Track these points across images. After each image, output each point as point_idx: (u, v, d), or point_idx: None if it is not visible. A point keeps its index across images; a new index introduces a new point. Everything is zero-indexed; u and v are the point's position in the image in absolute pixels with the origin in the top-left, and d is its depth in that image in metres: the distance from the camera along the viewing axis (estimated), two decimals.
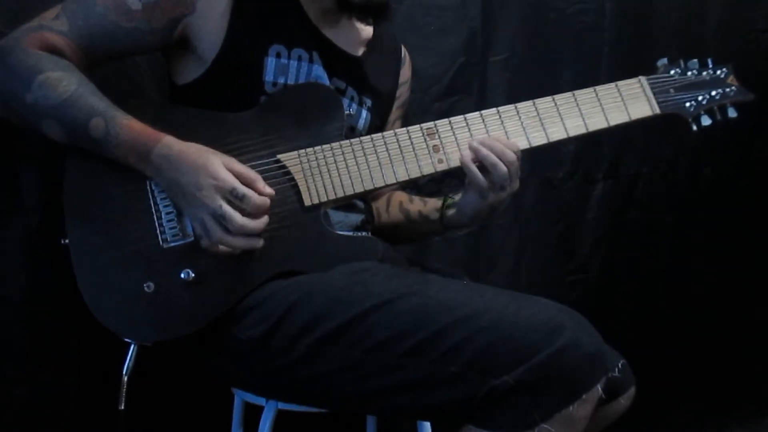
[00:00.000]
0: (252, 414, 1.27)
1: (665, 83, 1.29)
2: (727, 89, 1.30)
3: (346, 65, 1.30)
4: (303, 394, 1.10)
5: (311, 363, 1.02)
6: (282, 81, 1.20)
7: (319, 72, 1.24)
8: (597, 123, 1.23)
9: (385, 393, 0.99)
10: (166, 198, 1.10)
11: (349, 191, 1.16)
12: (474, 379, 0.93)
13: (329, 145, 1.16)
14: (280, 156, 1.14)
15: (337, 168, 1.16)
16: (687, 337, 2.26)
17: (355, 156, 1.17)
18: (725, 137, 2.20)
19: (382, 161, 1.18)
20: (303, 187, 1.14)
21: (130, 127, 1.07)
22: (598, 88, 1.25)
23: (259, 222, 1.05)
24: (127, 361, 1.10)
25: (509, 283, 1.92)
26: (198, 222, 1.06)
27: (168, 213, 1.10)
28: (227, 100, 1.18)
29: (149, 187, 1.11)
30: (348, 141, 1.17)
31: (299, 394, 1.11)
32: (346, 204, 1.24)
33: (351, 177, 1.16)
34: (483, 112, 1.21)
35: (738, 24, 2.24)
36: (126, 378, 1.10)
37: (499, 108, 1.21)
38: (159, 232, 1.09)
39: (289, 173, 1.14)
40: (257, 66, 1.18)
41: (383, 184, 1.17)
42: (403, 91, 1.47)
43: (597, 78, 1.95)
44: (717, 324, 2.31)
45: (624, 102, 1.25)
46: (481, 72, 1.86)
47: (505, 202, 1.23)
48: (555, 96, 1.23)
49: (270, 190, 1.07)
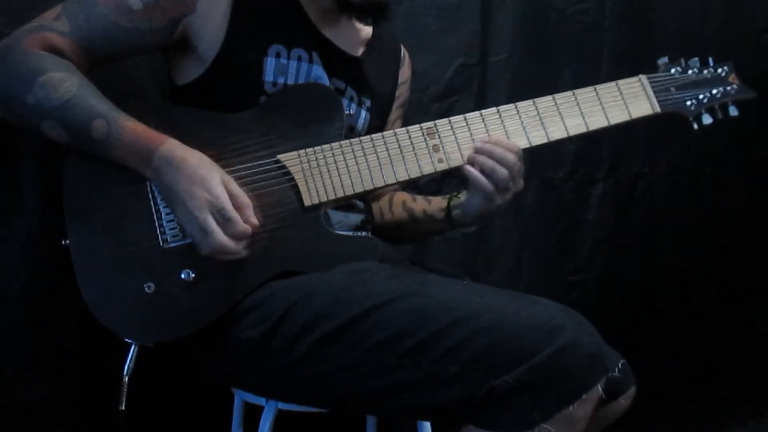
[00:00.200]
0: (252, 414, 1.27)
1: (666, 82, 1.28)
2: (729, 87, 1.30)
3: (345, 65, 1.30)
4: (303, 394, 1.10)
5: (311, 363, 1.02)
6: (282, 81, 1.20)
7: (319, 72, 1.24)
8: (597, 122, 1.23)
9: (385, 393, 1.00)
10: (163, 198, 1.10)
11: (349, 191, 1.16)
12: (474, 379, 0.93)
13: (329, 145, 1.16)
14: (280, 156, 1.14)
15: (337, 168, 1.16)
16: (687, 337, 2.25)
17: (355, 156, 1.17)
18: (726, 137, 2.20)
19: (382, 161, 1.18)
20: (303, 187, 1.14)
21: (132, 129, 1.07)
22: (598, 87, 1.24)
23: (239, 245, 1.04)
24: (128, 362, 1.10)
25: (509, 283, 1.92)
26: (187, 228, 1.06)
27: (168, 213, 1.09)
28: (227, 100, 1.17)
29: (149, 188, 1.10)
30: (348, 141, 1.17)
31: (299, 394, 1.11)
32: (346, 204, 1.24)
33: (351, 177, 1.16)
34: (483, 111, 1.20)
35: (739, 24, 2.24)
36: (126, 378, 1.09)
37: (500, 107, 1.21)
38: (159, 232, 1.09)
39: (289, 173, 1.14)
40: (257, 66, 1.18)
41: (383, 184, 1.17)
42: (403, 91, 1.47)
43: (597, 78, 1.94)
44: (717, 324, 2.30)
45: (624, 101, 1.24)
46: (481, 72, 1.86)
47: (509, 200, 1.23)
48: (555, 95, 1.23)
49: (255, 221, 1.05)
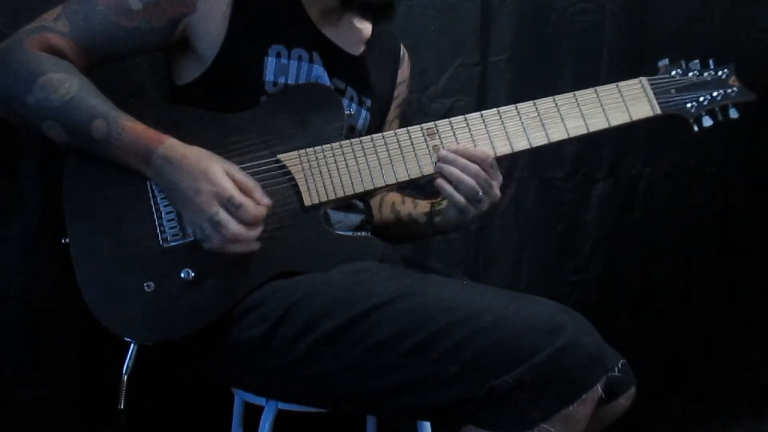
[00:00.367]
0: (252, 414, 1.27)
1: (666, 84, 1.28)
2: (729, 90, 1.30)
3: (346, 65, 1.30)
4: (303, 394, 1.10)
5: (311, 363, 1.02)
6: (282, 81, 1.20)
7: (319, 72, 1.24)
8: (598, 123, 1.23)
9: (385, 393, 1.00)
10: (165, 197, 1.10)
11: (349, 191, 1.16)
12: (474, 379, 0.93)
13: (329, 145, 1.16)
14: (280, 156, 1.14)
15: (338, 168, 1.16)
16: (687, 337, 2.26)
17: (355, 156, 1.17)
18: (728, 137, 2.20)
19: (382, 161, 1.18)
20: (303, 187, 1.14)
21: (132, 129, 1.06)
22: (599, 88, 1.25)
23: (254, 231, 1.05)
24: (127, 361, 1.09)
25: (509, 283, 1.92)
26: (196, 227, 1.06)
27: (168, 213, 1.09)
28: (227, 100, 1.17)
29: (149, 187, 1.10)
30: (348, 141, 1.17)
31: (299, 394, 1.11)
32: (345, 204, 1.24)
33: (351, 177, 1.16)
34: (483, 112, 1.20)
35: (739, 24, 2.24)
36: (126, 377, 1.09)
37: (500, 108, 1.21)
38: (159, 231, 1.09)
39: (289, 173, 1.14)
40: (257, 66, 1.18)
41: (383, 184, 1.17)
42: (402, 91, 1.47)
43: (597, 78, 1.96)
44: (717, 324, 2.30)
45: (625, 102, 1.24)
46: (481, 72, 1.86)
47: (504, 203, 1.22)
48: (556, 96, 1.23)
49: (267, 200, 1.06)
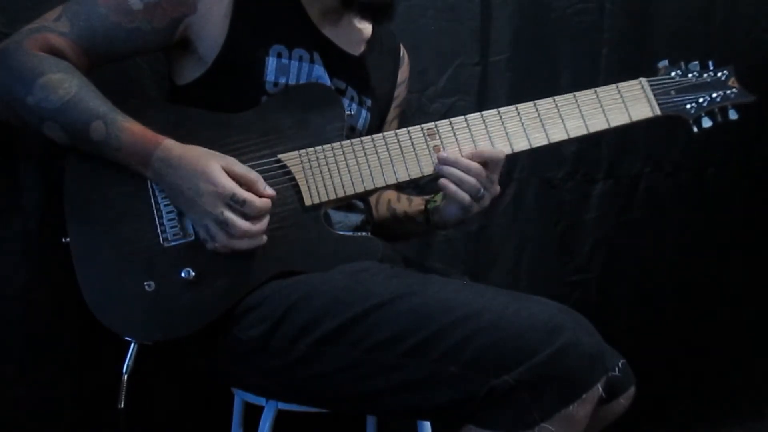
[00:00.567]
0: (252, 414, 1.27)
1: (666, 85, 1.28)
2: (728, 91, 1.30)
3: (346, 65, 1.30)
4: (303, 394, 1.10)
5: (311, 363, 1.02)
6: (283, 81, 1.20)
7: (320, 72, 1.24)
8: (597, 124, 1.23)
9: (385, 393, 0.99)
10: (166, 197, 1.10)
11: (350, 191, 1.16)
12: (474, 379, 0.93)
13: (330, 145, 1.16)
14: (280, 156, 1.14)
15: (338, 168, 1.16)
16: (687, 337, 2.26)
17: (356, 156, 1.17)
18: (729, 137, 2.19)
19: (382, 161, 1.18)
20: (303, 187, 1.14)
21: (130, 131, 1.06)
22: (598, 89, 1.25)
23: (262, 224, 1.06)
24: (127, 361, 1.09)
25: (509, 283, 1.92)
26: (201, 227, 1.06)
27: (169, 212, 1.09)
28: (228, 100, 1.18)
29: (150, 187, 1.10)
30: (348, 141, 1.17)
31: (299, 394, 1.11)
32: (346, 204, 1.24)
33: (351, 177, 1.16)
34: (484, 112, 1.21)
35: (740, 24, 2.24)
36: (126, 377, 1.09)
37: (500, 109, 1.21)
38: (160, 231, 1.09)
39: (290, 173, 1.14)
40: (258, 66, 1.18)
41: (384, 184, 1.17)
42: (401, 91, 1.47)
43: (596, 78, 1.96)
44: (718, 324, 2.30)
45: (625, 103, 1.25)
46: (481, 72, 1.86)
47: (504, 203, 1.22)
48: (556, 97, 1.23)
49: (271, 191, 1.07)
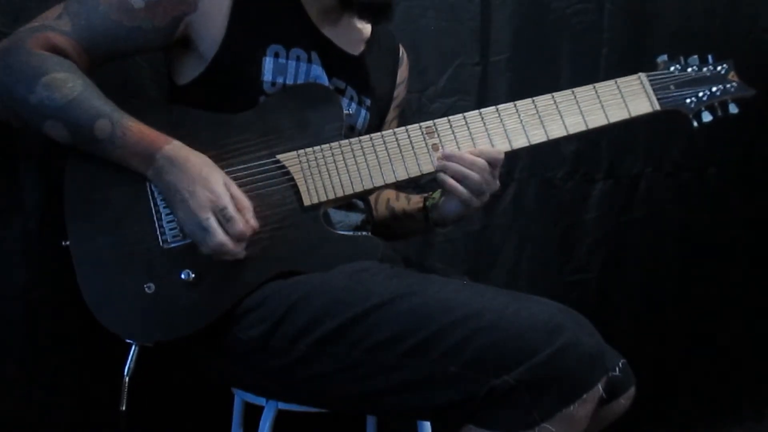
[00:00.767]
0: (252, 414, 1.27)
1: (665, 79, 1.28)
2: (728, 85, 1.30)
3: (345, 65, 1.30)
4: (303, 394, 1.10)
5: (311, 363, 1.02)
6: (280, 81, 1.20)
7: (318, 72, 1.24)
8: (597, 120, 1.23)
9: (385, 393, 0.99)
10: (164, 198, 1.10)
11: (349, 191, 1.16)
12: (474, 379, 0.93)
13: (328, 145, 1.16)
14: (279, 156, 1.14)
15: (337, 168, 1.16)
16: (687, 337, 2.25)
17: (355, 155, 1.17)
18: (730, 137, 2.19)
19: (381, 161, 1.18)
20: (302, 187, 1.14)
21: (136, 129, 1.07)
22: (597, 85, 1.24)
23: (238, 246, 1.05)
24: (128, 362, 1.09)
25: (509, 283, 1.92)
26: (186, 228, 1.06)
27: (168, 214, 1.09)
28: (226, 100, 1.18)
29: (149, 188, 1.10)
30: (347, 140, 1.17)
31: (299, 394, 1.11)
32: (346, 204, 1.24)
33: (350, 176, 1.16)
34: (482, 110, 1.20)
35: (740, 24, 2.24)
36: (127, 378, 1.09)
37: (498, 106, 1.21)
38: (159, 233, 1.09)
39: (289, 173, 1.14)
40: (255, 66, 1.18)
41: (383, 183, 1.17)
42: (401, 91, 1.47)
43: (596, 77, 1.91)
44: (718, 324, 2.30)
45: (624, 99, 1.24)
46: (481, 72, 1.86)
47: (504, 203, 1.22)
48: (554, 93, 1.22)
49: (255, 223, 1.06)
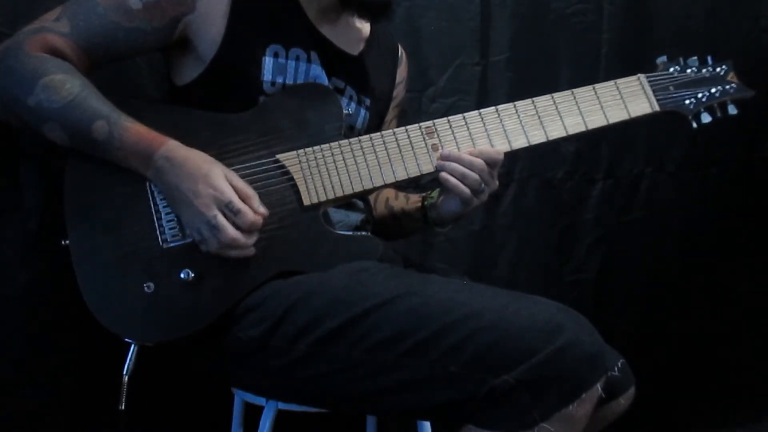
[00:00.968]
0: (252, 414, 1.27)
1: (665, 81, 1.28)
2: (728, 86, 1.30)
3: (344, 64, 1.30)
4: (303, 394, 1.10)
5: (311, 363, 1.02)
6: (280, 81, 1.20)
7: (317, 72, 1.24)
8: (596, 121, 1.23)
9: (385, 393, 0.99)
10: (164, 199, 1.10)
11: (349, 191, 1.16)
12: (474, 379, 0.93)
13: (328, 145, 1.16)
14: (279, 156, 1.14)
15: (336, 167, 1.16)
16: (687, 338, 2.25)
17: (354, 155, 1.17)
18: (732, 137, 2.19)
19: (381, 160, 1.18)
20: (302, 187, 1.14)
21: (135, 130, 1.07)
22: (597, 86, 1.24)
23: (250, 238, 1.06)
24: (128, 362, 1.09)
25: (509, 283, 1.92)
26: (194, 229, 1.06)
27: (167, 214, 1.09)
28: (226, 100, 1.18)
29: (149, 188, 1.10)
30: (347, 140, 1.17)
31: (299, 394, 1.11)
32: (346, 203, 1.24)
33: (350, 176, 1.16)
34: (482, 110, 1.20)
35: (741, 23, 2.24)
36: (126, 378, 1.09)
37: (498, 106, 1.21)
38: (159, 232, 1.09)
39: (288, 173, 1.14)
40: (255, 66, 1.18)
41: (382, 183, 1.17)
42: (400, 91, 1.47)
43: (596, 78, 1.93)
44: (718, 324, 2.30)
45: (623, 100, 1.24)
46: (481, 72, 1.86)
47: (504, 203, 1.22)
48: (554, 94, 1.23)
49: (264, 210, 1.07)
